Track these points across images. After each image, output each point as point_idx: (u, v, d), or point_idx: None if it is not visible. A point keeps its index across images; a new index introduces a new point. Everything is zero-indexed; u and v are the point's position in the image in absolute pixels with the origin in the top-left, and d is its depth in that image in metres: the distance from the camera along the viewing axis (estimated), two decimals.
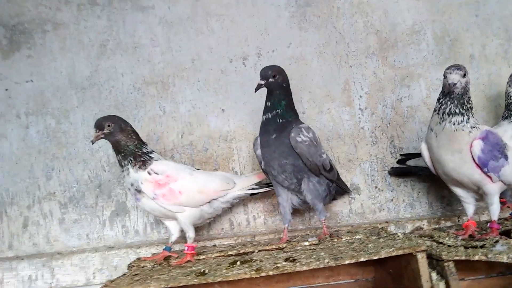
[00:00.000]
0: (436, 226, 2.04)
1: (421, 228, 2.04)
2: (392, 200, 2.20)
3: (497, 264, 1.72)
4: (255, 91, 1.79)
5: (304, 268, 1.36)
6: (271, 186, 1.99)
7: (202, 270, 1.44)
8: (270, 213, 2.21)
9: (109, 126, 1.72)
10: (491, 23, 2.29)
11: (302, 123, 1.82)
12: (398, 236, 1.63)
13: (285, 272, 1.37)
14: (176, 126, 2.28)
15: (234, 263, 1.50)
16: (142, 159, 1.75)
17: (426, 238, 1.67)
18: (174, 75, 2.32)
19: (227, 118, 2.29)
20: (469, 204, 1.69)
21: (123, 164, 1.75)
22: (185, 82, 2.31)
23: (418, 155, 2.12)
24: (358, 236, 1.74)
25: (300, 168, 1.76)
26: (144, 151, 1.78)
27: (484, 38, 2.28)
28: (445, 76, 1.57)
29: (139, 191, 1.71)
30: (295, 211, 2.19)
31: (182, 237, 1.86)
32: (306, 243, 1.74)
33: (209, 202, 1.80)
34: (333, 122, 2.27)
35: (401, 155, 2.19)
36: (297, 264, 1.37)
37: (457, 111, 1.54)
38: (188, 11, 2.35)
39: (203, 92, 2.31)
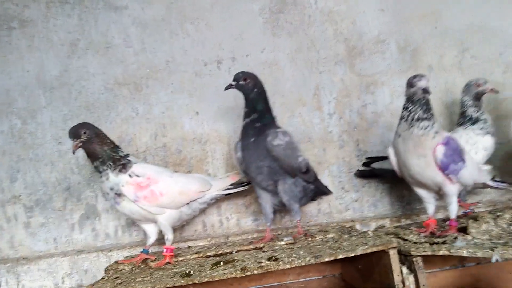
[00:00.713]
0: (397, 224, 2.19)
1: (384, 226, 2.18)
2: (357, 200, 2.33)
3: (451, 258, 1.90)
4: (225, 89, 1.88)
5: (287, 266, 1.43)
6: (245, 185, 2.07)
7: (187, 271, 1.47)
8: (243, 214, 2.27)
9: (85, 133, 1.71)
10: (448, 35, 2.47)
11: (279, 127, 1.89)
12: (369, 234, 1.74)
13: (269, 270, 1.43)
14: (149, 127, 2.28)
15: (217, 263, 1.54)
16: (121, 162, 1.75)
17: (392, 236, 1.80)
18: (147, 76, 2.31)
19: (201, 120, 2.32)
20: (430, 204, 1.83)
21: (101, 169, 1.73)
22: (159, 84, 2.31)
23: (382, 158, 2.27)
24: (331, 235, 1.83)
25: (275, 170, 1.83)
26: (121, 154, 1.78)
27: (442, 49, 2.47)
28: (413, 85, 1.70)
29: (119, 194, 1.71)
30: None
31: (156, 240, 1.88)
32: (282, 242, 1.81)
33: (188, 203, 1.83)
34: (304, 126, 2.36)
35: (366, 158, 2.33)
36: (280, 263, 1.44)
37: (425, 116, 1.67)
38: (162, 13, 2.35)
39: (177, 94, 2.32)
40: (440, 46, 2.47)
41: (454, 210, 1.75)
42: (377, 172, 2.26)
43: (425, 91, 1.67)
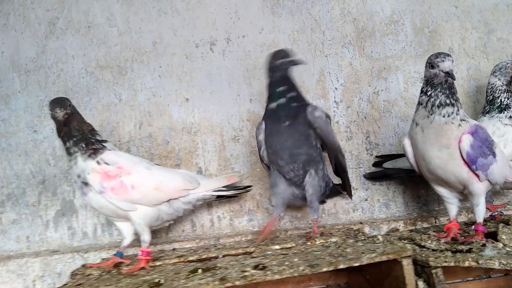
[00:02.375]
0: (413, 228, 1.92)
1: (397, 230, 1.91)
2: (366, 200, 2.06)
3: (475, 268, 1.63)
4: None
5: (276, 277, 1.18)
6: (241, 189, 1.85)
7: (157, 280, 1.23)
8: (237, 213, 2.02)
9: (70, 105, 1.54)
10: (470, 15, 2.20)
11: None
12: (378, 239, 1.48)
13: (254, 281, 1.18)
14: (133, 115, 2.05)
15: (195, 271, 1.29)
16: (94, 146, 1.53)
17: (406, 241, 1.54)
18: (132, 59, 2.08)
19: (191, 108, 2.08)
20: (453, 204, 1.56)
21: (72, 151, 1.52)
22: (145, 67, 2.08)
23: (394, 156, 2.00)
24: (333, 239, 1.57)
25: (312, 158, 1.65)
26: (98, 138, 1.57)
27: (464, 31, 2.19)
28: (434, 66, 1.43)
29: (86, 183, 1.48)
30: (263, 212, 2.02)
31: (139, 241, 1.63)
32: (277, 247, 1.56)
33: (168, 201, 1.58)
34: None
35: (377, 156, 2.06)
36: (268, 272, 1.19)
37: (448, 101, 1.41)
38: None
39: (165, 79, 2.08)
40: (462, 27, 2.20)
41: (481, 212, 1.48)
42: (389, 172, 2.00)
43: (449, 75, 1.40)
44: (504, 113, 1.82)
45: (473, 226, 1.51)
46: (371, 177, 2.06)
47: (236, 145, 2.07)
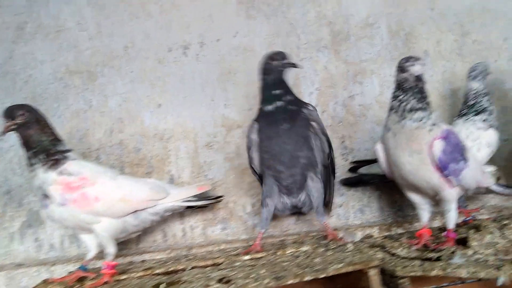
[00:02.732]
0: (387, 233, 1.89)
1: (372, 236, 1.88)
2: (341, 206, 2.03)
3: None
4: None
5: None
6: (212, 199, 1.82)
7: None
8: (210, 222, 1.98)
9: (22, 115, 1.47)
10: (446, 18, 2.18)
11: None
12: (348, 248, 1.45)
13: None
14: (104, 122, 2.00)
15: (157, 285, 1.25)
16: (55, 157, 1.48)
17: (377, 249, 1.51)
18: (103, 64, 2.04)
19: (164, 114, 2.04)
20: (424, 210, 1.54)
21: (32, 162, 1.47)
22: (116, 72, 2.03)
23: (371, 161, 1.98)
24: (304, 248, 1.54)
25: (311, 162, 1.64)
26: (59, 149, 1.51)
27: (439, 33, 2.17)
28: (404, 70, 1.41)
29: (46, 195, 1.43)
30: (237, 221, 1.98)
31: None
32: (247, 257, 1.52)
33: (134, 212, 1.54)
34: None
35: (352, 162, 2.04)
36: (232, 286, 1.15)
37: (419, 106, 1.39)
38: None
39: (137, 84, 2.04)
40: (438, 30, 2.18)
41: (452, 219, 1.46)
42: (365, 178, 1.97)
43: (419, 79, 1.39)
44: (479, 115, 1.81)
45: (444, 233, 1.49)
46: (347, 183, 2.03)
47: (210, 151, 2.03)
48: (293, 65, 1.66)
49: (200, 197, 1.74)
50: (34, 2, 2.05)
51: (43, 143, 1.48)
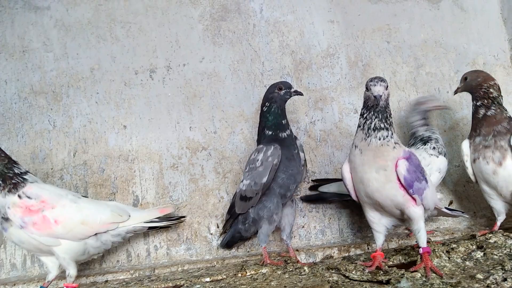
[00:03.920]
0: (346, 254, 1.97)
1: (331, 257, 1.96)
2: (303, 227, 2.10)
3: None
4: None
5: None
6: (175, 219, 1.87)
7: None
8: (174, 242, 2.00)
9: None
10: (401, 50, 2.33)
11: None
12: (304, 271, 1.51)
13: None
14: (68, 142, 2.01)
15: None
16: (13, 181, 1.48)
17: (333, 271, 1.58)
18: (68, 84, 2.05)
19: (129, 135, 2.06)
20: (380, 233, 1.61)
21: None
22: (82, 93, 2.06)
23: (330, 180, 2.07)
24: (263, 270, 1.59)
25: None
26: (16, 171, 1.52)
27: (395, 65, 2.31)
28: (368, 89, 1.48)
29: (6, 218, 1.43)
30: (201, 241, 2.02)
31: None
32: (208, 279, 1.56)
33: (95, 235, 1.55)
34: (246, 144, 2.14)
35: (312, 180, 2.12)
36: None
37: (382, 125, 1.47)
38: (89, 15, 2.11)
39: (102, 105, 2.06)
40: (393, 61, 2.32)
41: (423, 237, 1.52)
42: (324, 196, 2.06)
43: (376, 99, 1.45)
44: (427, 144, 1.94)
45: (420, 250, 1.52)
46: (307, 199, 2.10)
47: (175, 172, 2.07)
48: (300, 93, 1.86)
49: (162, 218, 1.77)
50: (0, 22, 2.05)
51: None
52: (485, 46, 2.38)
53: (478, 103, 1.83)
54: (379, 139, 1.46)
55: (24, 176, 1.51)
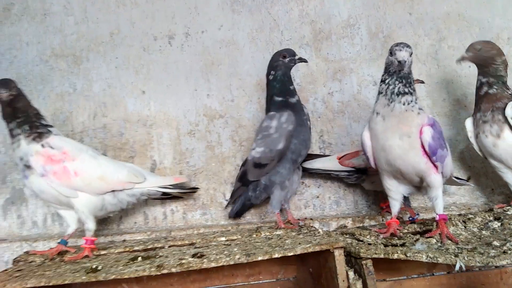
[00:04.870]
0: (360, 225, 1.98)
1: (345, 226, 1.96)
2: (318, 197, 2.11)
3: (418, 264, 1.70)
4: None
5: (212, 264, 1.21)
6: (188, 190, 1.89)
7: (94, 267, 1.24)
8: (190, 207, 2.02)
9: (14, 87, 1.56)
10: (424, 22, 2.28)
11: None
12: (319, 232, 1.53)
13: (190, 269, 1.20)
14: (88, 106, 2.03)
15: (135, 258, 1.31)
16: (39, 130, 1.53)
17: (347, 236, 1.59)
18: (88, 48, 2.07)
19: (147, 101, 2.08)
20: (397, 201, 1.60)
21: (15, 133, 1.52)
22: (101, 57, 2.07)
23: (314, 156, 2.04)
24: (278, 232, 1.61)
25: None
26: (43, 123, 1.57)
27: (416, 37, 2.27)
28: (392, 53, 1.46)
29: (28, 166, 1.47)
30: (217, 207, 2.04)
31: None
32: (223, 238, 1.58)
33: (113, 192, 1.58)
34: (263, 113, 2.11)
35: None
36: (205, 260, 1.22)
37: (406, 90, 1.44)
38: None
39: (122, 70, 2.08)
40: (415, 34, 2.28)
41: (441, 204, 1.51)
42: (305, 170, 2.01)
43: (401, 64, 1.42)
44: None
45: (436, 217, 1.51)
46: None
47: (192, 139, 2.08)
48: (304, 60, 1.85)
49: (176, 186, 1.79)
50: None
51: (29, 115, 1.54)
52: (510, 21, 2.32)
53: (483, 80, 1.80)
54: (404, 104, 1.43)
55: (50, 128, 1.56)
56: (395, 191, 1.60)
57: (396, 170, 1.52)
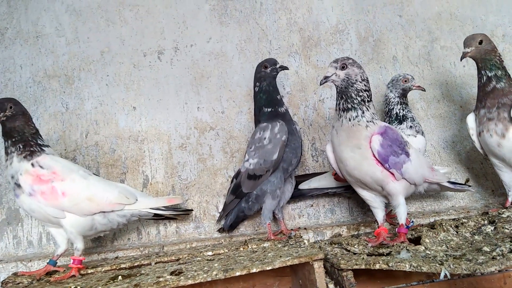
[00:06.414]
0: (355, 233, 1.94)
1: (340, 235, 1.94)
2: (312, 206, 2.09)
3: (417, 273, 1.66)
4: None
5: (189, 282, 1.20)
6: (181, 212, 1.87)
7: (73, 287, 1.24)
8: (183, 221, 2.03)
9: (11, 107, 1.56)
10: (414, 24, 2.26)
11: None
12: (304, 244, 1.50)
13: (167, 287, 1.19)
14: (80, 124, 2.07)
15: (115, 278, 1.31)
16: (31, 149, 1.55)
17: (336, 245, 1.56)
18: (80, 68, 2.11)
19: (138, 116, 2.10)
20: (378, 209, 1.59)
21: (9, 151, 1.55)
22: (93, 76, 2.11)
23: (309, 176, 2.03)
24: (265, 244, 1.60)
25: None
26: (39, 142, 1.59)
27: (408, 39, 2.24)
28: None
29: (18, 185, 1.49)
30: (210, 220, 2.04)
31: (83, 249, 1.64)
32: (210, 253, 1.58)
33: (103, 212, 1.59)
34: (254, 123, 2.12)
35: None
36: (182, 277, 1.21)
37: (349, 106, 1.46)
38: (98, 0, 2.15)
39: (112, 87, 2.11)
40: (406, 36, 2.25)
41: (402, 214, 1.51)
42: (304, 193, 2.00)
43: (323, 79, 1.49)
44: (404, 124, 1.88)
45: (396, 229, 1.54)
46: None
47: (183, 152, 2.09)
48: (285, 68, 1.86)
49: (169, 208, 1.78)
50: (14, 9, 2.13)
51: (24, 134, 1.56)
52: (504, 17, 2.27)
53: (490, 74, 1.73)
54: (349, 120, 1.46)
55: (44, 148, 1.58)
56: (372, 200, 1.60)
57: (357, 180, 1.54)
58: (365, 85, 1.49)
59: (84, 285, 1.27)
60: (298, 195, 2.01)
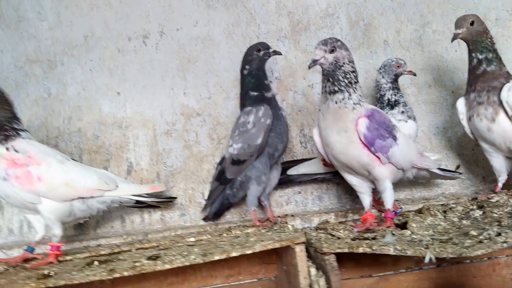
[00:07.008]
0: (343, 219, 1.91)
1: (328, 222, 1.90)
2: (300, 193, 2.05)
3: (404, 259, 1.63)
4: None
5: (167, 266, 1.17)
6: (164, 199, 1.85)
7: (46, 273, 1.21)
8: (168, 208, 1.99)
9: None
10: (406, 8, 2.20)
11: None
12: (288, 228, 1.47)
13: (143, 271, 1.16)
14: (62, 110, 2.02)
15: (91, 263, 1.27)
16: (6, 133, 1.50)
17: (321, 231, 1.53)
18: (63, 53, 2.06)
19: (123, 102, 2.05)
20: (364, 194, 1.55)
21: None
22: (76, 61, 2.06)
23: (297, 162, 1.99)
24: (249, 230, 1.56)
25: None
26: (14, 126, 1.54)
27: (399, 24, 2.19)
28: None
29: None
30: (196, 207, 2.00)
31: (65, 237, 1.61)
32: (192, 239, 1.54)
33: (82, 198, 1.55)
34: (240, 108, 2.08)
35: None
36: (158, 262, 1.17)
37: (336, 88, 1.42)
38: None
39: (96, 72, 2.06)
40: (397, 20, 2.20)
41: (389, 198, 1.48)
42: (292, 178, 1.96)
43: (312, 62, 1.45)
44: (395, 109, 1.84)
45: (382, 214, 1.50)
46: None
47: (169, 139, 2.05)
48: (279, 53, 1.85)
49: (152, 195, 1.74)
50: None
51: None
52: (497, 1, 2.22)
53: (481, 57, 1.69)
54: (336, 103, 1.42)
55: (20, 132, 1.53)
56: (359, 185, 1.56)
57: (343, 165, 1.50)
58: (352, 67, 1.46)
59: (59, 271, 1.23)
60: (286, 181, 1.96)
